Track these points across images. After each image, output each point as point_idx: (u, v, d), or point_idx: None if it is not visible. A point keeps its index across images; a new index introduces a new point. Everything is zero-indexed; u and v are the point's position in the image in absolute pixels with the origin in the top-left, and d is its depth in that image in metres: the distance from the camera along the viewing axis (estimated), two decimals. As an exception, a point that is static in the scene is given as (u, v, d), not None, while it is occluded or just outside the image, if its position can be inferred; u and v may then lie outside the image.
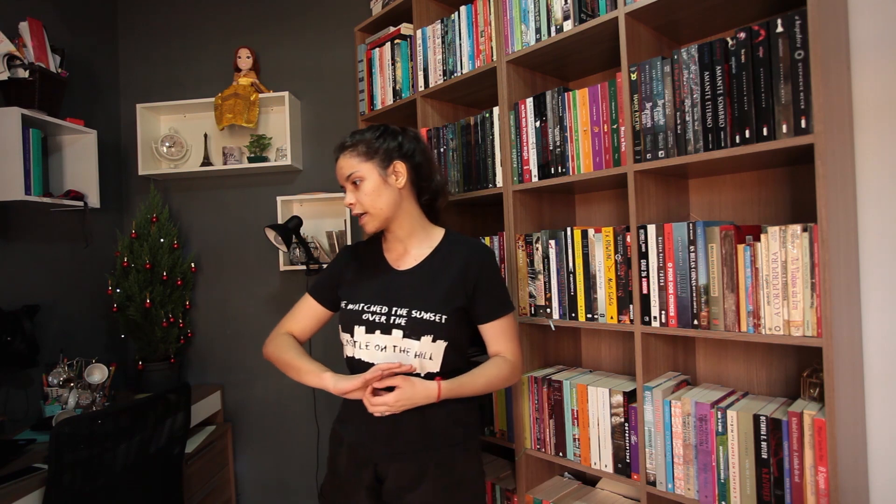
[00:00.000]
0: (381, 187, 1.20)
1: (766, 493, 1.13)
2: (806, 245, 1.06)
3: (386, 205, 1.21)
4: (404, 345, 1.17)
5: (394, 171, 1.22)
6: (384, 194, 1.21)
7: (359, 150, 1.21)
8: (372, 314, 1.20)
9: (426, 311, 1.17)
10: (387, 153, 1.22)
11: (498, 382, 1.23)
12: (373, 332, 1.19)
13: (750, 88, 1.11)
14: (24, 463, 1.57)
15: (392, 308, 1.19)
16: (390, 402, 1.10)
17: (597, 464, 1.43)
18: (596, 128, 1.40)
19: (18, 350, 1.87)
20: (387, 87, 2.06)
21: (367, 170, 1.20)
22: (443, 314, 1.17)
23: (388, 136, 1.24)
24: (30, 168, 1.90)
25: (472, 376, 1.20)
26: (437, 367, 1.18)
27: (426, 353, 1.17)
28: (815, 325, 1.05)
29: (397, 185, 1.22)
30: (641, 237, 1.30)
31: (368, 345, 1.19)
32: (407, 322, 1.17)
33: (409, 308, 1.18)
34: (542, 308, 1.54)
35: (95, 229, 2.41)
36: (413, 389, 1.12)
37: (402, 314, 1.18)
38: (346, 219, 2.37)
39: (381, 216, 1.22)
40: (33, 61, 1.93)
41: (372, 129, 1.25)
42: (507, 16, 1.59)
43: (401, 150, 1.24)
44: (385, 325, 1.18)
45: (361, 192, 1.21)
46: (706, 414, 1.21)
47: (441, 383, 1.15)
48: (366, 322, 1.20)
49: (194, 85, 2.61)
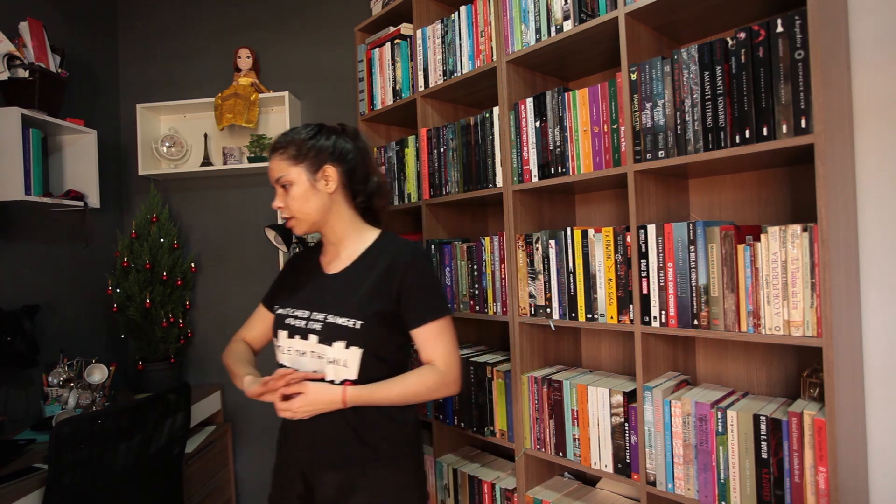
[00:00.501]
0: (309, 192, 1.16)
1: (766, 493, 1.13)
2: (806, 245, 1.06)
3: (314, 210, 1.18)
4: (319, 350, 1.14)
5: (323, 176, 1.18)
6: (312, 199, 1.17)
7: (288, 152, 1.17)
8: (294, 319, 1.19)
9: (340, 316, 1.13)
10: (317, 157, 1.17)
11: (420, 393, 1.15)
12: (293, 336, 1.18)
13: (750, 88, 1.11)
14: (24, 463, 1.57)
15: (312, 312, 1.17)
16: (293, 408, 1.10)
17: (597, 464, 1.43)
18: (596, 128, 1.40)
19: (18, 350, 1.87)
20: (387, 87, 2.06)
21: (296, 174, 1.16)
22: (358, 320, 1.12)
23: (321, 136, 1.20)
24: (30, 168, 1.90)
25: (388, 384, 1.13)
26: (354, 374, 1.12)
27: (340, 360, 1.12)
28: (815, 325, 1.05)
29: (327, 189, 1.18)
30: (641, 237, 1.30)
31: (290, 349, 1.18)
32: (322, 327, 1.14)
33: (326, 313, 1.15)
34: (542, 308, 1.54)
35: (95, 229, 2.41)
36: (315, 395, 1.10)
37: (318, 319, 1.15)
38: (346, 219, 2.37)
39: (308, 221, 1.19)
40: (33, 61, 1.93)
41: (306, 128, 1.21)
42: (507, 16, 1.59)
43: (333, 152, 1.19)
44: (303, 329, 1.16)
45: (290, 196, 1.17)
46: (706, 414, 1.21)
47: (347, 389, 1.11)
48: (288, 327, 1.19)
49: (194, 85, 2.61)
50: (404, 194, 2.01)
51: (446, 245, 1.84)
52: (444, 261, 1.84)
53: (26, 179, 1.88)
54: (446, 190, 1.82)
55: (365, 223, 1.28)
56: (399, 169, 2.02)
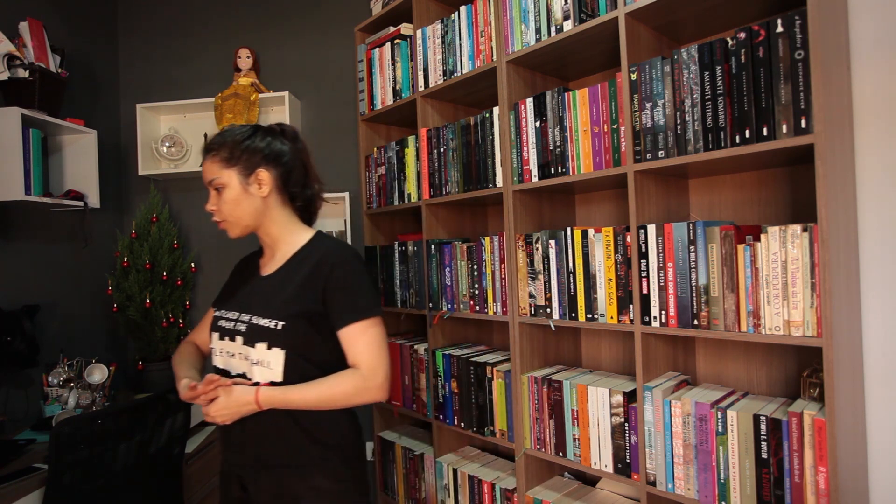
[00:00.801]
0: (241, 196, 1.14)
1: (766, 493, 1.13)
2: (806, 245, 1.06)
3: (246, 214, 1.15)
4: (245, 351, 1.13)
5: (256, 180, 1.15)
6: (244, 203, 1.15)
7: (221, 154, 1.15)
8: (225, 321, 1.19)
9: (263, 318, 1.12)
10: (250, 160, 1.15)
11: (337, 397, 1.10)
12: (224, 338, 1.18)
13: (750, 88, 1.11)
14: (24, 463, 1.57)
15: (240, 314, 1.17)
16: (211, 413, 1.09)
17: (597, 464, 1.43)
18: (596, 128, 1.40)
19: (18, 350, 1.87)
20: (387, 87, 2.06)
21: (228, 177, 1.14)
22: (280, 321, 1.10)
23: (255, 138, 1.17)
24: (30, 168, 1.90)
25: (304, 387, 1.09)
26: (279, 376, 1.10)
27: (264, 361, 1.10)
28: (815, 325, 1.05)
29: (260, 193, 1.16)
30: (641, 237, 1.30)
31: (222, 351, 1.18)
32: (246, 328, 1.13)
33: (252, 314, 1.14)
34: (542, 308, 1.54)
35: (95, 229, 2.41)
36: (229, 398, 1.09)
37: (244, 320, 1.14)
38: (346, 219, 2.37)
39: (240, 224, 1.17)
40: (33, 61, 1.93)
41: (241, 129, 1.18)
42: (507, 16, 1.59)
43: (267, 154, 1.16)
44: (231, 331, 1.16)
45: (222, 199, 1.15)
46: (706, 414, 1.21)
47: (260, 390, 1.08)
48: (219, 329, 1.19)
49: (194, 85, 2.61)
50: (404, 194, 2.01)
51: (446, 245, 1.84)
52: (444, 261, 1.84)
53: (26, 179, 1.88)
54: (446, 190, 1.82)
55: (301, 224, 1.25)
56: (399, 169, 2.03)
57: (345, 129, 2.49)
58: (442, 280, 1.85)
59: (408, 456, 2.06)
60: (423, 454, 1.99)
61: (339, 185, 2.48)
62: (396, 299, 2.05)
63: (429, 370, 1.93)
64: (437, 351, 1.89)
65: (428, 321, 1.90)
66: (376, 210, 2.16)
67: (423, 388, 1.96)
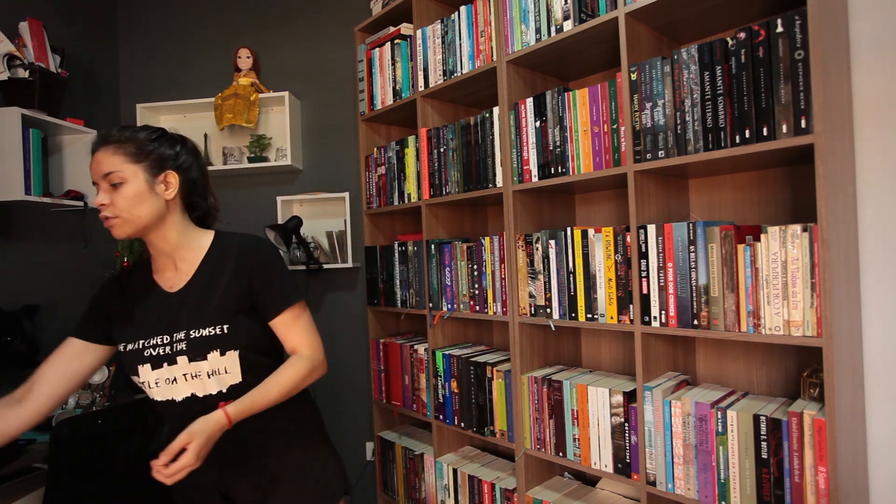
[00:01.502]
0: (144, 194, 1.09)
1: (766, 493, 1.13)
2: (806, 245, 1.06)
3: (146, 213, 1.09)
4: (193, 369, 1.08)
5: (164, 181, 1.12)
6: (146, 202, 1.09)
7: (127, 148, 1.09)
8: (153, 348, 1.10)
9: (204, 328, 1.09)
10: (160, 160, 1.12)
11: (298, 384, 1.13)
12: (159, 366, 1.09)
13: (750, 88, 1.11)
14: (24, 463, 1.57)
15: (172, 335, 1.10)
16: (190, 462, 0.97)
17: (597, 464, 1.43)
18: (596, 128, 1.40)
19: (18, 350, 1.87)
20: (387, 87, 2.06)
21: (132, 173, 1.08)
22: (223, 324, 1.09)
23: (165, 142, 1.14)
24: (30, 168, 1.90)
25: (264, 389, 1.09)
26: (239, 377, 1.11)
27: (220, 369, 1.09)
28: (815, 325, 1.05)
29: (165, 195, 1.12)
30: (641, 237, 1.30)
31: (159, 382, 1.10)
32: (188, 345, 1.08)
33: (187, 329, 1.09)
34: (542, 308, 1.54)
35: (95, 229, 2.41)
36: (199, 432, 1.00)
37: (181, 338, 1.09)
38: (346, 219, 2.37)
39: (136, 224, 1.09)
40: (33, 61, 1.93)
41: (147, 129, 1.14)
42: (507, 16, 1.59)
43: (177, 160, 1.14)
44: (168, 355, 1.09)
45: (119, 194, 1.07)
46: (706, 414, 1.21)
47: (227, 409, 1.04)
48: (149, 359, 1.10)
49: (194, 85, 2.61)
50: (404, 194, 2.01)
51: (446, 245, 1.84)
52: (444, 261, 1.84)
53: (26, 179, 1.88)
54: (446, 190, 1.82)
55: (198, 227, 1.22)
56: (399, 169, 2.03)
57: (345, 129, 2.50)
58: (442, 280, 1.85)
59: (408, 456, 2.06)
60: (423, 454, 1.99)
61: (339, 185, 2.48)
62: (396, 299, 2.05)
63: (429, 370, 1.93)
64: (437, 351, 1.89)
65: (428, 321, 1.90)
66: (376, 210, 2.16)
67: (423, 388, 1.96)
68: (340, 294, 2.51)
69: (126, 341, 1.13)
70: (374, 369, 2.21)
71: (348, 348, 2.50)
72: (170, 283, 1.16)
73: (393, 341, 2.11)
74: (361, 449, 2.48)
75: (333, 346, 2.52)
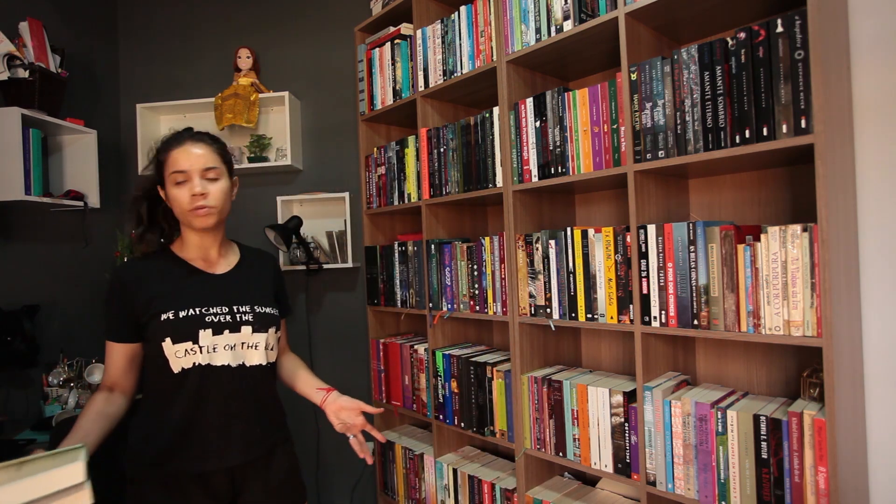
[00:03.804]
0: (228, 192, 1.25)
1: (766, 493, 1.13)
2: (806, 245, 1.06)
3: (228, 208, 1.26)
4: (253, 340, 1.22)
5: (235, 184, 1.29)
6: (228, 199, 1.25)
7: (217, 148, 1.24)
8: (215, 315, 1.19)
9: (265, 306, 1.26)
10: (231, 167, 1.28)
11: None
12: (221, 332, 1.18)
13: (750, 88, 1.11)
14: (24, 463, 1.56)
15: (233, 307, 1.22)
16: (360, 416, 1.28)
17: (597, 464, 1.43)
18: (596, 128, 1.40)
19: (18, 350, 1.87)
20: (387, 87, 2.06)
21: (223, 172, 1.23)
22: (275, 308, 1.29)
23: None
24: (30, 168, 1.90)
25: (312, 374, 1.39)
26: (276, 356, 1.31)
27: (270, 344, 1.26)
28: (815, 325, 1.05)
29: (232, 196, 1.28)
30: (641, 237, 1.30)
31: (216, 346, 1.17)
32: (255, 317, 1.23)
33: (252, 304, 1.24)
34: (542, 308, 1.54)
35: (95, 229, 2.41)
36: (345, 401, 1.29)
37: (246, 310, 1.23)
38: (346, 219, 2.37)
39: (221, 216, 1.24)
40: (33, 61, 1.93)
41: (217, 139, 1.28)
42: (507, 16, 1.59)
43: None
44: (233, 323, 1.20)
45: (216, 187, 1.21)
46: (706, 414, 1.21)
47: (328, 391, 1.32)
48: (211, 324, 1.17)
49: (194, 85, 2.61)
50: (404, 194, 2.01)
51: (446, 245, 1.84)
52: (444, 261, 1.84)
53: (26, 179, 1.88)
54: (446, 190, 1.82)
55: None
56: (399, 169, 2.03)
57: (345, 129, 2.50)
58: (442, 280, 1.85)
59: (408, 456, 2.06)
60: (423, 454, 1.99)
61: (339, 185, 2.48)
62: (396, 299, 2.05)
63: (429, 370, 1.93)
64: (437, 351, 1.89)
65: (428, 321, 1.90)
66: (376, 210, 2.16)
67: (423, 388, 1.96)
68: (340, 294, 2.51)
69: (176, 308, 1.17)
70: (374, 369, 2.22)
71: (348, 348, 2.50)
72: (212, 268, 1.28)
73: (393, 341, 2.11)
74: (361, 449, 2.48)
75: (333, 346, 2.52)
